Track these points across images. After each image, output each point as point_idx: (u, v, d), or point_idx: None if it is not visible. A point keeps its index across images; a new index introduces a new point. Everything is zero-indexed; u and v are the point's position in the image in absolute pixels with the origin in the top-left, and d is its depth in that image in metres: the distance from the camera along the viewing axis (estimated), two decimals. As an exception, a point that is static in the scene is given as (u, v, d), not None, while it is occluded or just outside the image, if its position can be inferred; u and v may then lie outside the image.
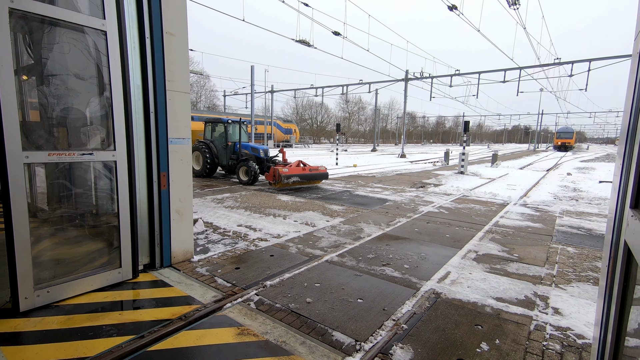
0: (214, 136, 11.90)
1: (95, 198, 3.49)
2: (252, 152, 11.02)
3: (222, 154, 11.58)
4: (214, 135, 11.94)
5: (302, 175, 9.74)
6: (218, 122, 11.87)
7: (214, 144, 11.64)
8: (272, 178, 9.37)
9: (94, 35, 3.03)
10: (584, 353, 2.48)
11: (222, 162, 11.63)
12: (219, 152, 11.57)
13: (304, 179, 9.82)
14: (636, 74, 1.27)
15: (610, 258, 1.22)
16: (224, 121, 11.61)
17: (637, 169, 1.00)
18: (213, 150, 11.49)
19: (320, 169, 10.37)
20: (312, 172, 10.03)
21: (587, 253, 4.79)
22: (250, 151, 11.07)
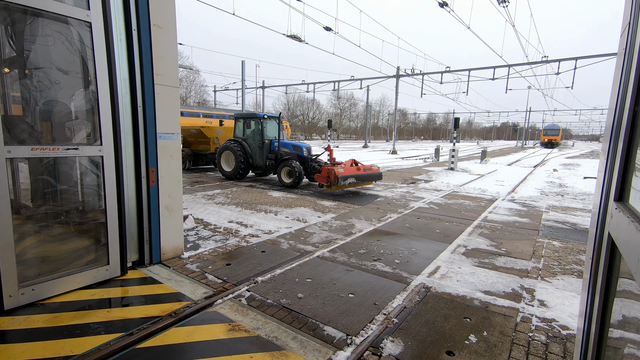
0: (247, 133, 10.60)
1: (81, 194, 3.41)
2: (294, 151, 9.83)
3: (256, 153, 10.26)
4: (246, 133, 10.63)
5: (358, 175, 8.54)
6: (252, 118, 10.47)
7: (246, 142, 10.35)
8: (326, 180, 8.12)
9: (79, 27, 2.94)
10: (568, 343, 2.55)
11: (256, 162, 10.30)
12: (252, 151, 10.27)
13: (360, 179, 8.62)
14: (621, 71, 1.30)
15: (595, 251, 1.25)
16: (260, 116, 10.25)
17: (621, 163, 1.03)
18: (246, 149, 10.22)
19: (374, 168, 9.19)
20: (366, 172, 8.83)
21: (572, 247, 4.92)
22: (291, 149, 9.89)
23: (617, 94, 1.28)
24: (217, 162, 10.63)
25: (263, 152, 10.18)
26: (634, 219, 0.80)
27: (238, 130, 10.86)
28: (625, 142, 1.01)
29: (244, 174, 10.33)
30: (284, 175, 9.48)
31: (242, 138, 10.56)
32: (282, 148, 9.91)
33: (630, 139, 1.01)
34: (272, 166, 10.04)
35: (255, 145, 10.31)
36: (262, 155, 10.20)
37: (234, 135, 10.89)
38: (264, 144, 10.16)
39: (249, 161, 10.26)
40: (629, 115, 1.02)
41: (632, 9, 1.26)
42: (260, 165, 10.27)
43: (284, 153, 9.87)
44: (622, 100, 1.14)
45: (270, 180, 11.03)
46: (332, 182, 8.04)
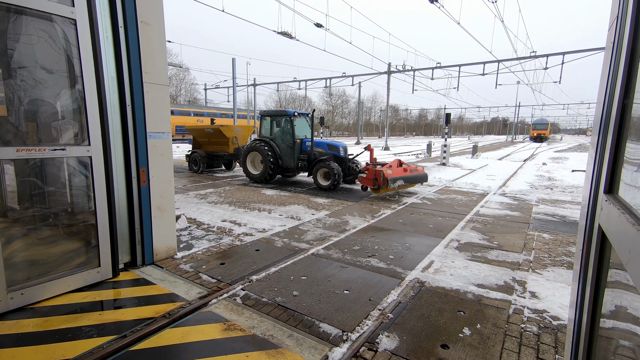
0: (275, 132, 9.72)
1: (70, 196, 3.34)
2: (329, 151, 8.99)
3: (287, 153, 9.40)
4: (274, 132, 9.74)
5: (406, 177, 7.88)
6: (281, 116, 9.58)
7: (274, 141, 9.52)
8: (373, 182, 7.52)
9: (63, 24, 2.86)
10: (559, 334, 2.60)
11: (287, 163, 9.44)
12: (281, 151, 9.42)
13: (408, 181, 7.95)
14: (609, 64, 1.32)
15: (585, 242, 1.27)
16: (290, 114, 9.35)
17: (610, 156, 1.04)
18: (275, 149, 9.37)
19: (419, 169, 8.54)
20: (413, 173, 8.18)
21: (562, 239, 5.01)
22: (326, 149, 9.04)
23: (606, 87, 1.30)
24: (242, 164, 9.88)
25: (294, 153, 9.30)
26: (624, 211, 0.81)
27: (264, 129, 9.93)
28: (614, 135, 1.03)
29: (273, 176, 9.47)
30: (321, 177, 8.66)
31: (270, 137, 9.66)
32: (316, 148, 9.05)
33: (619, 131, 1.03)
34: (304, 167, 9.20)
35: (285, 145, 9.43)
36: (294, 156, 9.32)
37: (260, 135, 9.93)
38: (294, 144, 9.27)
39: (278, 162, 9.40)
40: (617, 108, 1.03)
41: (620, 3, 1.28)
42: (291, 167, 9.40)
43: (318, 153, 9.02)
44: (610, 94, 1.15)
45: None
46: (380, 185, 7.42)
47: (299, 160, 9.28)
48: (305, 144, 9.26)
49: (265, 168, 9.36)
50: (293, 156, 9.33)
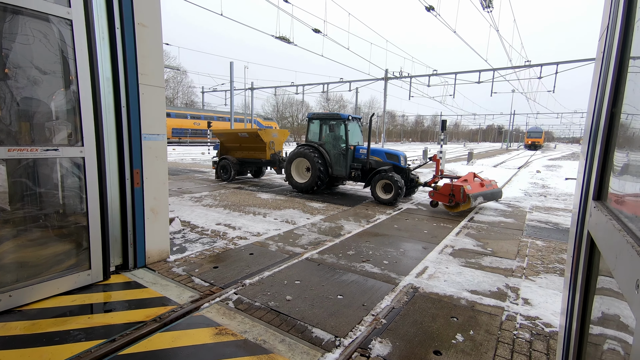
0: (325, 138, 8.83)
1: (62, 197, 3.30)
2: (388, 160, 8.12)
3: (337, 161, 8.58)
4: (324, 137, 8.85)
5: (485, 193, 7.11)
6: (334, 119, 8.68)
7: (324, 147, 8.65)
8: (449, 199, 6.71)
9: (59, 25, 2.86)
10: (552, 341, 2.60)
11: (337, 172, 8.59)
12: (332, 158, 8.59)
13: (487, 198, 7.19)
14: (599, 74, 1.34)
15: (575, 249, 1.28)
16: (344, 117, 8.48)
17: (599, 163, 1.05)
18: (325, 156, 8.53)
19: (493, 183, 7.78)
20: (489, 188, 7.43)
21: (554, 246, 5.04)
22: (384, 158, 8.18)
23: (596, 96, 1.32)
24: (286, 171, 9.02)
25: (347, 160, 8.46)
26: (611, 217, 0.82)
27: (312, 133, 9.07)
28: (603, 143, 1.04)
29: (321, 185, 8.62)
30: (380, 189, 7.80)
31: (319, 143, 8.78)
32: (372, 156, 8.22)
33: (608, 139, 1.04)
34: (357, 177, 8.35)
35: (336, 151, 8.59)
36: (346, 164, 8.48)
37: (307, 140, 9.10)
38: (348, 151, 8.43)
39: (328, 171, 8.57)
40: (606, 117, 1.04)
41: (610, 14, 1.30)
42: (343, 176, 8.60)
43: (375, 162, 8.19)
44: (599, 103, 1.17)
45: (260, 182, 10.95)
46: (459, 202, 6.58)
47: (352, 169, 8.40)
48: (358, 151, 8.41)
49: (313, 176, 8.46)
50: (345, 164, 8.49)
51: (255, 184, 10.31)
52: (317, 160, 8.40)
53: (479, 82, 23.27)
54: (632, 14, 1.09)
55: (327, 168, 8.56)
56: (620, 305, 0.81)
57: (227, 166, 10.64)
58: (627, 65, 1.05)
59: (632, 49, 1.05)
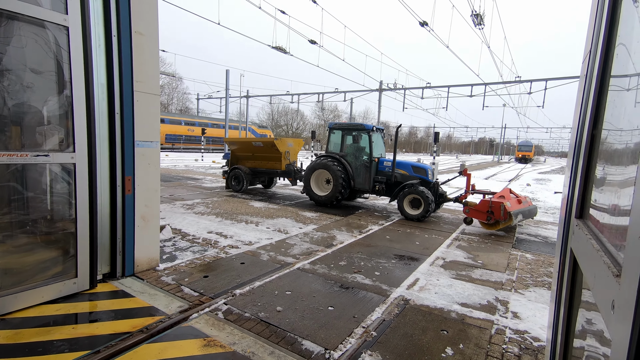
0: (347, 149, 8.50)
1: (50, 203, 3.25)
2: (414, 173, 7.78)
3: (360, 173, 8.24)
4: (346, 148, 8.51)
5: (524, 210, 6.73)
6: (357, 130, 8.31)
7: (346, 159, 8.32)
8: (487, 216, 6.30)
9: (56, 31, 2.86)
10: (540, 355, 2.62)
11: (360, 185, 8.23)
12: (354, 170, 8.25)
13: (525, 216, 6.83)
14: (582, 95, 1.39)
15: (560, 265, 1.31)
16: (368, 128, 8.16)
17: (581, 182, 1.09)
18: (347, 168, 8.19)
19: (528, 200, 7.42)
20: (527, 205, 7.08)
21: (543, 259, 5.10)
22: (410, 171, 7.83)
23: (579, 116, 1.37)
24: (305, 183, 8.61)
25: (370, 173, 8.12)
26: (591, 236, 0.84)
27: (333, 144, 8.72)
28: (584, 163, 1.08)
29: (342, 198, 8.26)
30: (407, 204, 7.36)
31: (340, 154, 8.40)
32: (398, 169, 7.89)
33: (589, 159, 1.08)
34: (382, 190, 8.00)
35: (359, 163, 8.27)
36: (369, 177, 8.13)
37: (327, 150, 8.75)
38: (372, 163, 8.10)
39: (350, 183, 8.22)
40: (587, 137, 1.09)
41: (592, 39, 1.36)
42: (366, 189, 8.28)
43: (400, 175, 7.87)
44: (582, 124, 1.22)
45: (254, 189, 10.91)
46: (499, 219, 6.23)
47: (376, 182, 8.05)
48: (382, 164, 8.10)
49: (335, 189, 8.07)
50: (369, 177, 8.14)
51: (248, 192, 10.26)
52: (339, 173, 8.01)
53: (471, 95, 23.75)
54: (613, 41, 1.15)
55: (350, 181, 8.20)
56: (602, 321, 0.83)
57: (240, 176, 10.09)
58: (607, 89, 1.10)
59: (612, 72, 1.10)
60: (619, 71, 1.03)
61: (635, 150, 0.67)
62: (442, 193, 7.79)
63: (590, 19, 1.43)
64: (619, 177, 0.77)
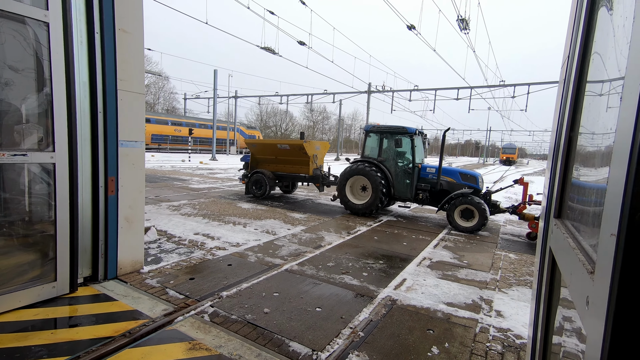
0: (387, 153, 7.87)
1: (28, 204, 3.14)
2: (463, 181, 7.24)
3: (401, 180, 7.70)
4: (384, 152, 7.88)
5: None
6: (398, 133, 7.64)
7: (384, 164, 7.74)
8: None
9: (36, 27, 2.77)
10: (522, 352, 2.68)
11: (400, 192, 7.69)
12: (394, 177, 7.71)
13: None
14: (561, 99, 1.44)
15: (540, 263, 1.35)
16: (411, 131, 7.55)
17: (559, 183, 1.12)
18: (387, 174, 7.62)
19: None
20: None
21: (526, 259, 5.23)
22: (458, 179, 7.31)
23: (558, 119, 1.42)
24: (340, 190, 7.96)
25: (412, 180, 7.57)
26: (568, 235, 0.87)
27: (370, 148, 8.16)
28: (562, 164, 1.11)
29: (380, 207, 7.62)
30: (458, 215, 6.81)
31: (378, 159, 7.82)
32: (444, 176, 7.38)
33: (567, 161, 1.12)
34: (425, 199, 7.51)
35: (400, 170, 7.72)
36: (411, 184, 7.58)
37: (363, 155, 8.18)
38: (414, 169, 7.57)
39: (390, 191, 7.66)
40: (565, 140, 1.12)
41: (570, 45, 1.41)
42: (407, 197, 7.70)
43: (446, 183, 7.38)
44: (560, 126, 1.26)
45: (240, 192, 10.82)
46: None
47: (419, 190, 7.52)
48: (425, 170, 7.58)
49: (374, 197, 7.48)
50: (410, 184, 7.59)
51: (236, 193, 10.15)
52: (378, 179, 7.43)
53: (457, 98, 24.22)
54: (589, 48, 1.19)
55: (390, 188, 7.62)
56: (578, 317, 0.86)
57: (262, 181, 9.30)
58: (584, 94, 1.14)
59: (588, 78, 1.14)
60: (594, 76, 1.07)
61: (608, 152, 0.70)
62: (495, 203, 7.28)
63: (568, 26, 1.48)
64: (594, 177, 0.80)
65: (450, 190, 7.27)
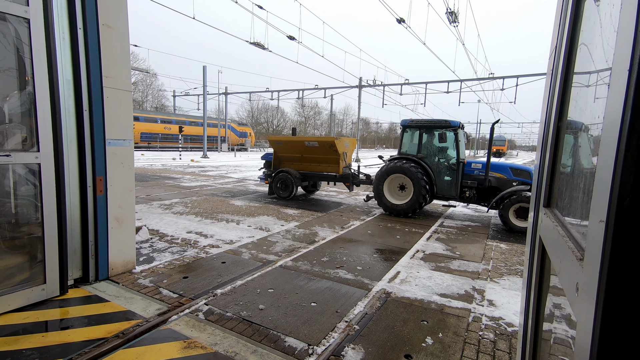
0: (425, 149, 7.43)
1: (14, 206, 3.07)
2: (515, 177, 6.72)
3: (443, 177, 7.27)
4: (424, 148, 7.43)
5: None
6: (440, 127, 7.18)
7: (425, 161, 7.29)
8: None
9: (16, 23, 2.68)
10: (513, 340, 2.74)
11: (443, 190, 7.24)
12: (436, 174, 7.26)
13: None
14: (549, 89, 1.45)
15: (530, 252, 1.37)
16: (455, 125, 7.08)
17: (548, 172, 1.14)
18: (428, 171, 7.18)
19: None
20: None
21: (516, 248, 5.33)
22: (509, 175, 6.78)
23: (546, 110, 1.43)
24: (377, 190, 7.49)
25: (458, 177, 7.05)
26: (557, 223, 0.88)
27: (408, 144, 7.69)
28: (551, 154, 1.13)
29: (423, 206, 7.19)
30: (513, 215, 6.34)
31: (417, 156, 7.36)
32: (493, 172, 6.87)
33: (555, 150, 1.13)
34: (472, 197, 7.03)
35: (443, 166, 7.28)
36: (456, 182, 7.06)
37: (400, 152, 7.72)
38: (459, 165, 7.04)
39: (433, 189, 7.24)
40: (553, 129, 1.14)
41: (557, 36, 1.42)
42: (451, 196, 7.19)
43: (495, 179, 6.86)
44: (548, 116, 1.27)
45: (233, 189, 10.75)
46: None
47: (465, 188, 7.05)
48: (470, 166, 7.10)
49: (416, 196, 7.00)
50: (455, 182, 7.09)
51: (228, 191, 10.08)
52: (420, 178, 6.97)
53: (447, 91, 24.38)
54: (576, 39, 1.20)
55: (433, 186, 7.21)
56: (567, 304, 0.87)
57: (288, 181, 8.71)
58: (571, 85, 1.16)
59: (575, 69, 1.16)
60: (581, 67, 1.08)
61: (596, 141, 0.70)
62: None
63: (555, 17, 1.49)
64: (582, 166, 0.81)
65: (500, 187, 6.78)
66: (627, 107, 0.48)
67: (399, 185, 7.48)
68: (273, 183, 9.04)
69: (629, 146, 0.46)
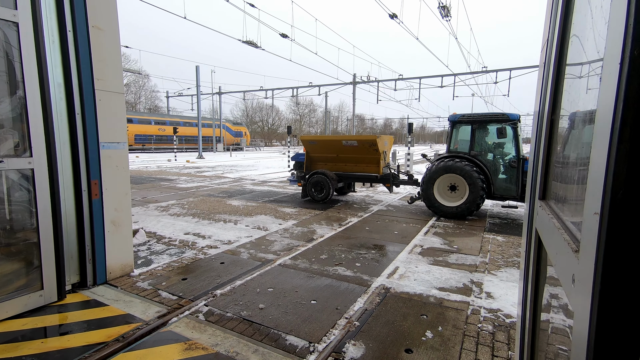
0: (479, 146, 6.96)
1: (9, 212, 3.03)
2: None
3: (500, 176, 6.82)
4: (477, 144, 6.94)
5: None
6: (497, 122, 6.70)
7: (479, 159, 6.81)
8: None
9: (5, 27, 2.64)
10: (512, 331, 2.77)
11: (502, 190, 6.76)
12: (491, 172, 6.76)
13: None
14: (541, 82, 1.46)
15: (527, 244, 1.38)
16: (514, 118, 6.58)
17: (542, 165, 1.15)
18: (484, 170, 6.71)
19: None
20: None
21: (513, 241, 5.38)
22: None
23: (539, 102, 1.44)
24: (427, 192, 6.99)
25: (518, 175, 6.55)
26: (553, 216, 0.89)
27: (459, 141, 7.22)
28: (545, 147, 1.14)
29: (479, 207, 6.72)
30: None
31: (471, 154, 6.87)
32: None
33: (549, 143, 1.14)
34: None
35: (500, 164, 6.83)
36: (516, 180, 6.56)
37: (450, 149, 7.26)
38: (519, 162, 6.54)
39: (491, 188, 6.77)
40: (546, 123, 1.14)
41: (549, 28, 1.43)
42: (511, 195, 6.68)
43: None
44: (542, 109, 1.28)
45: (230, 189, 10.72)
46: None
47: (525, 187, 6.50)
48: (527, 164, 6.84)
49: (473, 196, 6.53)
50: (516, 180, 6.57)
51: (224, 191, 10.04)
52: (476, 176, 6.49)
53: (441, 86, 24.43)
54: (567, 30, 1.20)
55: (490, 185, 6.73)
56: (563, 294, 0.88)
57: (324, 182, 8.17)
58: (564, 77, 1.16)
59: (567, 61, 1.16)
60: (573, 59, 1.08)
61: (589, 133, 0.71)
62: None
63: (547, 9, 1.50)
64: (576, 158, 0.81)
65: None
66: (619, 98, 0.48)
67: (449, 186, 6.98)
68: (307, 185, 8.54)
69: (622, 138, 0.46)
